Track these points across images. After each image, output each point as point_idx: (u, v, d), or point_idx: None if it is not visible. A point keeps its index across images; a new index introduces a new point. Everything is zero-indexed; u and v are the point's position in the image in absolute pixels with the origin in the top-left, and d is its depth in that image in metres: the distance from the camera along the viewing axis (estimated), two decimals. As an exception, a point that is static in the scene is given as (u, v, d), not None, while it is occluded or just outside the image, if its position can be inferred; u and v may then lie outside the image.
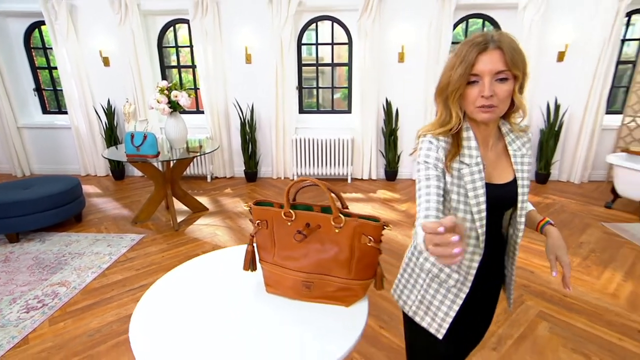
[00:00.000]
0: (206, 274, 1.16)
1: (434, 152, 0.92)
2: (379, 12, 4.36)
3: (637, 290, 2.54)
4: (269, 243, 1.01)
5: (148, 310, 0.99)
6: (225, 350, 0.84)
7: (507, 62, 0.85)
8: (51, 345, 2.04)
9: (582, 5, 4.33)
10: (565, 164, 4.90)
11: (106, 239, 3.30)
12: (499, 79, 0.87)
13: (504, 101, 0.89)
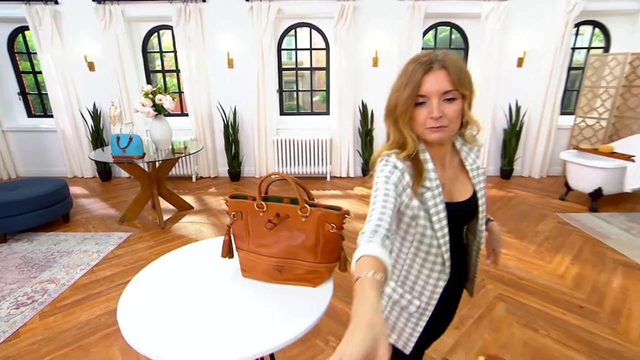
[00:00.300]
0: (188, 262, 1.21)
1: (398, 174, 0.87)
2: (354, 20, 4.45)
3: (581, 272, 2.72)
4: (244, 232, 1.08)
5: (135, 293, 1.05)
6: (204, 327, 0.91)
7: (454, 81, 0.83)
8: (42, 338, 2.05)
9: (537, 16, 4.53)
10: (526, 160, 5.11)
11: (94, 238, 3.29)
12: (447, 99, 0.84)
13: (454, 121, 0.87)
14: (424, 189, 0.89)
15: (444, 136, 0.87)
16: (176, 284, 1.09)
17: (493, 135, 4.99)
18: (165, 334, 0.89)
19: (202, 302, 1.01)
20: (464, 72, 0.85)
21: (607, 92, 4.38)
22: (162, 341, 0.87)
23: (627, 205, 4.00)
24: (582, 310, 2.28)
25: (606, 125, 4.42)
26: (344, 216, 1.01)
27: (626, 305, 2.32)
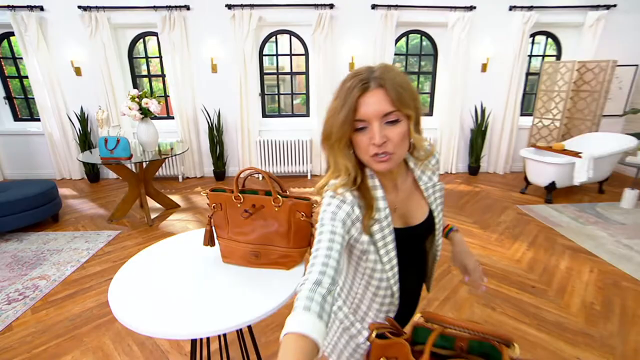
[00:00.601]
0: (174, 251, 1.29)
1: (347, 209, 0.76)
2: (331, 28, 4.54)
3: (535, 256, 2.91)
4: (224, 222, 1.16)
5: (125, 278, 1.12)
6: (188, 305, 0.99)
7: (394, 101, 0.71)
8: (34, 330, 2.08)
9: (498, 26, 4.74)
10: (491, 157, 5.33)
11: (84, 236, 3.29)
12: (389, 121, 0.72)
13: (400, 145, 0.75)
14: (373, 221, 0.79)
15: (392, 166, 0.76)
16: (163, 269, 1.17)
17: (461, 135, 5.18)
18: (152, 311, 0.97)
19: (186, 284, 1.09)
20: (406, 89, 0.73)
21: (559, 95, 4.62)
22: (149, 318, 0.94)
23: (576, 197, 4.25)
24: (534, 290, 2.45)
25: (559, 125, 4.66)
26: (312, 205, 1.10)
27: (570, 283, 2.51)
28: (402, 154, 0.77)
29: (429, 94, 5.26)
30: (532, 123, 5.02)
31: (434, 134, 5.13)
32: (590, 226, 3.43)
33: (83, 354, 1.90)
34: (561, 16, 4.72)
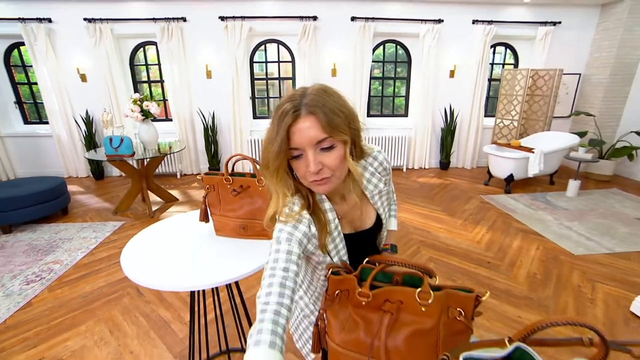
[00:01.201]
0: (174, 227, 1.42)
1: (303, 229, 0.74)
2: (314, 37, 4.68)
3: (492, 237, 3.12)
4: (216, 201, 1.30)
5: (134, 246, 1.25)
6: (185, 266, 1.13)
7: (325, 128, 0.66)
8: (52, 305, 2.19)
9: (463, 37, 4.94)
10: (460, 154, 5.54)
11: (91, 227, 3.38)
12: (323, 148, 0.68)
13: (339, 168, 0.71)
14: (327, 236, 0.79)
15: (331, 187, 0.73)
16: (165, 241, 1.30)
17: (433, 133, 5.38)
18: (157, 271, 1.10)
19: (185, 252, 1.23)
20: (338, 113, 0.68)
21: (516, 99, 4.86)
22: (155, 276, 1.07)
23: (531, 187, 4.49)
24: (489, 265, 2.65)
25: (517, 125, 4.90)
26: (288, 186, 1.25)
27: (519, 259, 2.72)
28: (341, 175, 0.74)
29: (404, 97, 5.45)
30: (494, 123, 5.25)
31: (409, 133, 5.31)
32: (540, 212, 3.66)
33: (96, 324, 2.02)
34: (517, 30, 4.96)
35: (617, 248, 2.85)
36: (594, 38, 4.97)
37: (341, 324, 0.78)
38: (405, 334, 0.71)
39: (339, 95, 0.72)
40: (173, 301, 2.24)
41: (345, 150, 0.71)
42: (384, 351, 0.71)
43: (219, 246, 1.27)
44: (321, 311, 0.80)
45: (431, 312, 0.70)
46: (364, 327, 0.74)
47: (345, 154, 0.71)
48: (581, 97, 5.23)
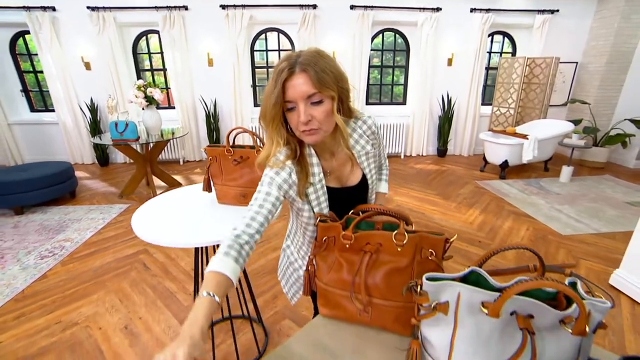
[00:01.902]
0: (180, 197, 1.52)
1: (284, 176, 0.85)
2: (314, 26, 4.73)
3: (485, 219, 3.22)
4: (218, 171, 1.40)
5: (143, 211, 1.35)
6: (191, 229, 1.24)
7: (315, 84, 0.75)
8: (65, 278, 2.32)
9: (461, 25, 4.97)
10: (457, 141, 5.61)
11: (99, 209, 3.49)
12: (313, 102, 0.78)
13: (325, 122, 0.81)
14: (308, 185, 0.87)
15: (319, 138, 0.82)
16: (172, 208, 1.41)
17: (431, 121, 5.45)
18: (165, 232, 1.20)
19: (190, 217, 1.33)
20: (328, 72, 0.77)
21: (513, 87, 4.91)
22: (162, 235, 1.18)
23: (525, 174, 4.58)
24: (480, 244, 2.76)
25: (514, 113, 4.96)
26: (285, 157, 1.35)
27: (509, 238, 2.83)
28: (328, 129, 0.83)
29: (403, 85, 5.50)
30: (491, 111, 5.31)
31: (407, 121, 5.38)
32: (533, 196, 3.76)
33: (106, 294, 2.15)
34: (514, 18, 4.98)
35: (603, 229, 2.96)
36: (592, 26, 4.99)
37: (328, 266, 0.88)
38: (384, 272, 0.82)
39: (331, 58, 0.82)
40: (177, 274, 2.36)
41: (332, 105, 0.81)
42: (364, 287, 0.82)
43: (221, 212, 1.37)
44: (311, 257, 0.91)
45: (406, 252, 0.81)
46: (347, 267, 0.85)
47: (332, 109, 0.81)
48: (578, 85, 5.27)
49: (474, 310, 0.61)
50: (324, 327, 0.87)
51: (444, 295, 0.63)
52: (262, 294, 2.15)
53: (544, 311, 0.58)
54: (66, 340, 1.77)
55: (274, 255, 2.58)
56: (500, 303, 0.57)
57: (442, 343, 0.64)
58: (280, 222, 3.15)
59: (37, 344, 1.74)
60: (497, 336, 0.61)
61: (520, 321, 0.58)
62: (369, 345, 0.80)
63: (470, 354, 0.62)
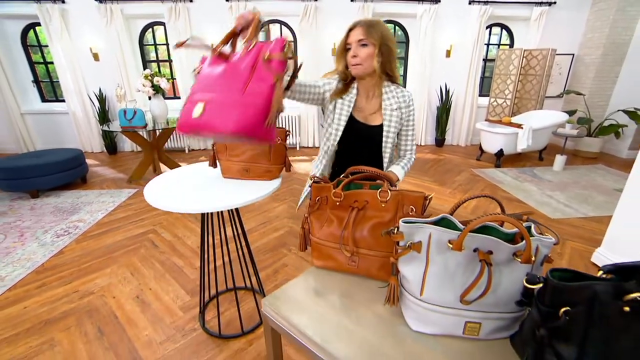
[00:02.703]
0: (188, 172, 1.62)
1: (330, 82, 1.27)
2: (315, 18, 4.77)
3: (477, 204, 3.30)
4: (223, 148, 1.49)
5: (155, 185, 1.45)
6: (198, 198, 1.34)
7: (364, 33, 1.15)
8: (80, 254, 2.43)
9: (459, 17, 5.00)
10: (455, 131, 5.67)
11: (109, 193, 3.61)
12: (362, 44, 1.16)
13: (366, 60, 1.18)
14: (339, 99, 1.25)
15: (360, 71, 1.20)
16: (180, 182, 1.50)
17: (429, 111, 5.51)
18: (174, 200, 1.30)
19: (197, 189, 1.43)
20: (374, 28, 1.16)
21: (510, 78, 4.95)
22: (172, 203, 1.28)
23: (520, 162, 4.64)
24: (471, 226, 2.84)
25: (510, 104, 5.01)
26: (286, 132, 1.44)
27: (499, 220, 2.91)
28: (368, 66, 1.20)
29: (403, 76, 5.55)
30: (489, 102, 5.36)
31: (406, 112, 5.42)
32: (526, 183, 3.83)
33: (118, 268, 2.26)
34: (512, 10, 5.00)
35: (591, 213, 3.04)
36: (588, 18, 5.00)
37: (321, 223, 0.98)
38: (370, 226, 0.91)
39: (383, 25, 1.21)
40: (184, 252, 2.47)
41: (374, 51, 1.17)
42: (351, 239, 0.91)
43: (225, 184, 1.47)
44: (306, 215, 1.00)
45: (389, 208, 0.90)
46: (337, 223, 0.94)
47: (372, 53, 1.18)
48: (574, 77, 5.30)
49: (442, 248, 0.71)
50: (317, 276, 0.97)
51: (417, 235, 0.73)
52: (264, 268, 2.26)
53: (500, 246, 0.67)
54: (84, 307, 1.89)
55: (275, 235, 2.69)
56: (462, 237, 0.67)
57: (415, 278, 0.74)
58: (281, 205, 3.25)
59: (59, 309, 1.86)
60: (462, 270, 0.70)
61: (480, 255, 0.68)
62: (356, 289, 0.90)
63: (439, 287, 0.72)
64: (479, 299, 0.68)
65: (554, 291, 0.54)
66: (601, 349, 0.53)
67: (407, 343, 0.73)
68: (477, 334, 0.73)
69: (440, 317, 0.73)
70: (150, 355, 1.59)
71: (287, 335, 0.82)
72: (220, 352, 1.62)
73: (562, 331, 0.55)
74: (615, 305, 0.51)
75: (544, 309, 0.55)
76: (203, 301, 1.84)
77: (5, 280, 2.09)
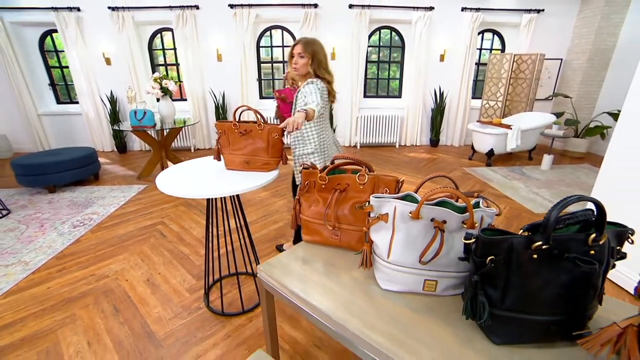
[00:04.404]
0: (195, 164, 1.76)
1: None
2: (315, 24, 4.91)
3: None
4: (226, 142, 1.63)
5: (165, 176, 1.59)
6: (204, 186, 1.47)
7: (302, 49, 1.74)
8: (95, 242, 2.58)
9: (453, 23, 5.12)
10: (449, 132, 5.79)
11: (120, 189, 3.75)
12: (300, 56, 1.75)
13: (302, 66, 1.77)
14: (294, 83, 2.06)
15: (297, 73, 1.81)
16: (188, 173, 1.64)
17: (424, 113, 5.62)
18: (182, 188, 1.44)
19: (203, 179, 1.57)
20: (308, 45, 1.75)
21: (501, 82, 5.07)
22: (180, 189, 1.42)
23: (510, 162, 4.75)
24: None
25: (502, 106, 5.13)
26: (283, 130, 1.58)
27: (484, 214, 3.03)
28: (303, 71, 1.78)
29: (399, 79, 5.68)
30: (481, 104, 5.48)
31: (402, 113, 5.54)
32: (514, 181, 3.95)
33: (130, 255, 2.41)
34: (503, 17, 5.13)
35: (570, 208, 3.15)
36: (575, 25, 5.12)
37: (309, 204, 1.12)
38: (350, 204, 1.05)
39: (318, 43, 1.80)
40: (190, 241, 2.61)
41: (307, 61, 1.76)
42: (334, 216, 1.05)
43: (228, 175, 1.61)
44: (297, 198, 1.14)
45: (366, 189, 1.04)
46: (322, 203, 1.08)
47: (306, 63, 1.76)
48: (562, 80, 5.41)
49: (405, 218, 0.84)
50: (305, 248, 1.10)
51: (385, 208, 0.86)
52: (264, 256, 2.39)
53: (451, 216, 0.81)
54: (100, 288, 2.03)
55: (274, 227, 2.83)
56: (418, 208, 0.80)
57: (384, 244, 0.87)
58: (280, 200, 3.39)
59: (78, 290, 2.01)
60: (421, 238, 0.84)
61: (435, 223, 0.81)
62: (338, 259, 1.04)
63: (403, 251, 0.85)
64: (434, 259, 0.82)
65: (483, 245, 0.67)
66: (519, 288, 0.67)
67: (377, 298, 0.87)
68: (434, 290, 0.86)
69: (404, 276, 0.86)
70: (160, 329, 1.73)
71: (278, 294, 0.96)
72: (222, 327, 1.75)
73: (490, 276, 0.68)
74: (527, 254, 0.65)
75: (477, 260, 0.69)
76: (208, 284, 1.98)
77: (30, 264, 2.24)
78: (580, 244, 0.65)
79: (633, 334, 0.58)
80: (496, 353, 0.69)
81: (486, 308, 0.68)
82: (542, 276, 0.65)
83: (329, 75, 1.84)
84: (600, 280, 0.68)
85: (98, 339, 1.66)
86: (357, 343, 0.77)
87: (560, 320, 0.68)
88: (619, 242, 0.69)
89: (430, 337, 0.74)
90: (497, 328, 0.71)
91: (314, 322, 0.87)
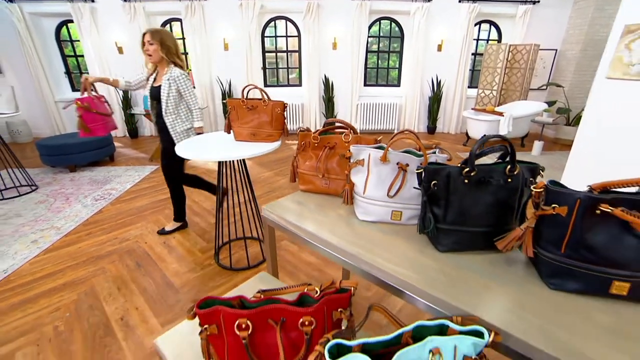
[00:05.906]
0: (209, 137, 2.00)
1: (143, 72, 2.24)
2: (318, 14, 5.09)
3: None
4: (236, 117, 1.86)
5: (181, 146, 1.83)
6: (216, 152, 1.71)
7: (150, 37, 1.99)
8: (115, 213, 2.84)
9: (450, 14, 5.26)
10: (445, 120, 5.96)
11: (134, 169, 4.01)
12: (149, 44, 1.99)
13: (154, 52, 2.00)
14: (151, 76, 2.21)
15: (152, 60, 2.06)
16: (202, 144, 1.88)
17: (422, 101, 5.79)
18: (197, 154, 1.68)
19: (215, 147, 1.80)
20: (155, 34, 1.99)
21: (497, 71, 5.22)
22: (197, 154, 1.66)
23: (502, 146, 4.92)
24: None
25: (497, 95, 5.29)
26: (284, 105, 1.80)
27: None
28: (156, 58, 2.03)
29: (398, 69, 5.84)
30: (477, 93, 5.64)
31: (401, 101, 5.73)
32: (504, 164, 4.13)
33: (147, 223, 2.66)
34: (499, 8, 5.25)
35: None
36: (570, 16, 5.23)
37: (304, 160, 1.35)
38: (337, 159, 1.28)
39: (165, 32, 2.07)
40: (200, 211, 2.87)
41: (156, 47, 2.01)
42: (324, 169, 1.28)
43: (237, 145, 1.84)
44: (294, 156, 1.37)
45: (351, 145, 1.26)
46: (314, 158, 1.31)
47: (156, 49, 2.01)
48: (557, 70, 5.54)
49: (377, 163, 1.07)
50: (301, 195, 1.34)
51: (361, 155, 1.09)
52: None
53: (412, 160, 1.03)
54: (123, 248, 2.30)
55: (278, 201, 3.07)
56: (385, 152, 1.03)
57: (360, 183, 1.10)
58: (284, 179, 3.62)
59: (105, 249, 2.27)
60: (390, 177, 1.06)
61: (400, 165, 1.04)
62: (327, 202, 1.27)
63: (375, 187, 1.08)
64: (398, 193, 1.05)
65: (428, 173, 0.90)
66: (456, 207, 0.89)
67: (355, 226, 1.10)
68: (399, 219, 1.09)
69: (376, 208, 1.09)
70: (177, 280, 1.98)
71: (278, 225, 1.19)
72: (230, 279, 2.00)
73: (435, 197, 0.91)
74: (460, 179, 0.87)
75: (425, 185, 0.91)
76: (218, 245, 2.23)
77: (61, 229, 2.51)
78: (500, 173, 0.87)
79: (529, 233, 0.81)
80: (440, 256, 0.92)
81: (432, 222, 0.91)
82: (473, 197, 0.88)
83: (180, 60, 2.11)
84: (517, 203, 0.91)
85: (126, 286, 1.92)
86: (339, 254, 1.00)
87: (487, 231, 0.91)
88: (532, 175, 0.91)
89: (395, 248, 0.97)
90: (441, 239, 0.93)
91: (306, 245, 1.10)
